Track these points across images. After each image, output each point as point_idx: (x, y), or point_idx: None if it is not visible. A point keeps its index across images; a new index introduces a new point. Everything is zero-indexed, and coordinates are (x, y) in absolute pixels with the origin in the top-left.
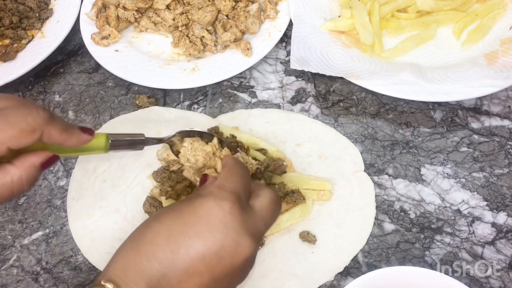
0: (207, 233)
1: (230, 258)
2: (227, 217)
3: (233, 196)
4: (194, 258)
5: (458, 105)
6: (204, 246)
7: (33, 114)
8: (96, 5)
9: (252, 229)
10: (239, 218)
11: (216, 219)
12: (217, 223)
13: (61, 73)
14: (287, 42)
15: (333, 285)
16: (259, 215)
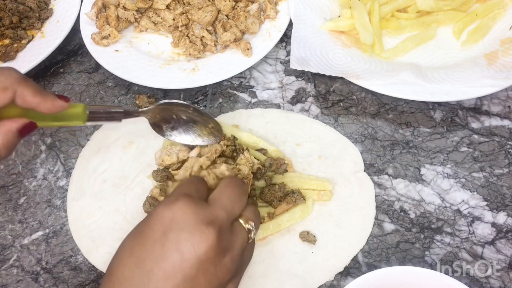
0: (163, 237)
1: (191, 251)
2: (177, 215)
3: (180, 196)
4: (159, 264)
5: (458, 105)
6: (163, 249)
7: (4, 73)
8: (96, 5)
9: (207, 218)
10: (189, 212)
11: (168, 220)
12: (169, 224)
13: (61, 73)
14: (287, 42)
15: (333, 285)
16: (215, 204)
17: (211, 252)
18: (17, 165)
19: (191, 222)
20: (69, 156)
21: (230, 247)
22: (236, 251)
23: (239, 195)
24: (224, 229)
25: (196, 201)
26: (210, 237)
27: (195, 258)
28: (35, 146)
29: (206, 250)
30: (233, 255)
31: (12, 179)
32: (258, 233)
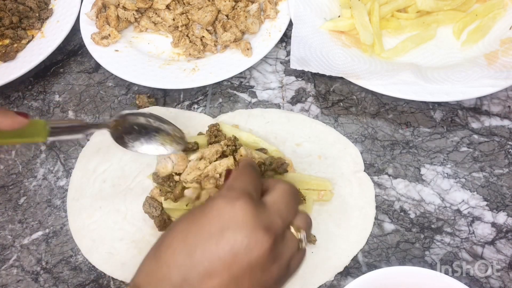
0: (220, 233)
1: (244, 254)
2: (238, 215)
3: (242, 194)
4: (210, 259)
5: (458, 105)
6: (218, 245)
7: None
8: (96, 5)
9: (265, 223)
10: (250, 214)
11: (227, 218)
12: (228, 222)
13: (61, 73)
14: (287, 42)
15: (333, 285)
16: (272, 209)
17: (262, 259)
18: (17, 165)
19: (250, 225)
20: (69, 156)
21: (280, 256)
22: (284, 260)
23: (294, 203)
24: (278, 236)
25: (257, 203)
26: (265, 244)
27: (246, 262)
28: (35, 146)
29: (258, 256)
30: (281, 263)
31: (12, 179)
32: None
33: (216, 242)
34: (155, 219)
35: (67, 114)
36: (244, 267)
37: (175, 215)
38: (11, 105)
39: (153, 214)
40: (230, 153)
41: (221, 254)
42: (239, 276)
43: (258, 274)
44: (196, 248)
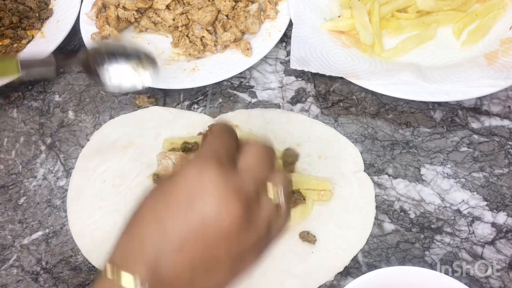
0: (188, 203)
1: (216, 223)
2: (205, 182)
3: (211, 160)
4: (181, 230)
5: (458, 105)
6: (187, 216)
7: None
8: (96, 5)
9: (235, 188)
10: (218, 180)
11: (194, 186)
12: (195, 190)
13: (61, 73)
14: (287, 42)
15: (333, 285)
16: (243, 172)
17: (236, 226)
18: (17, 165)
19: (218, 191)
20: (69, 156)
21: (255, 220)
22: (262, 223)
23: (269, 163)
24: (251, 201)
25: (226, 169)
26: (236, 210)
27: (219, 231)
28: (35, 146)
29: (231, 223)
30: (258, 228)
31: (12, 179)
32: None
33: (185, 213)
34: None
35: (67, 114)
36: (217, 236)
37: None
38: (11, 105)
39: None
40: None
41: (192, 224)
42: (213, 245)
43: (233, 242)
44: (166, 220)
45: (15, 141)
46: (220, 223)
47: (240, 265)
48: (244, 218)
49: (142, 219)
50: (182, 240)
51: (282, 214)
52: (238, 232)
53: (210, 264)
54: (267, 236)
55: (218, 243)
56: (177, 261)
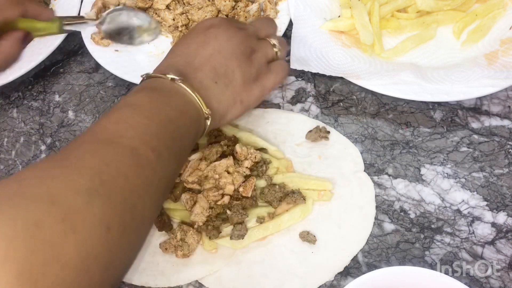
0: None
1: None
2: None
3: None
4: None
5: (458, 105)
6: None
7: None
8: (96, 5)
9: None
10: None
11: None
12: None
13: (61, 73)
14: (287, 42)
15: (333, 285)
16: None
17: (241, 45)
18: (17, 165)
19: (226, 24)
20: None
21: (256, 49)
22: (260, 53)
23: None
24: (251, 35)
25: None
26: (240, 33)
27: (230, 46)
28: (35, 146)
29: (237, 42)
30: (258, 55)
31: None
32: (258, 233)
33: (204, 36)
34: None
35: (67, 114)
36: (229, 49)
37: (175, 215)
38: (11, 105)
39: None
40: (230, 153)
41: (210, 42)
42: (227, 56)
43: (241, 57)
44: (190, 42)
45: (15, 141)
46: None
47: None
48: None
49: (173, 49)
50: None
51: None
52: (243, 51)
53: (227, 71)
54: (267, 70)
55: (232, 55)
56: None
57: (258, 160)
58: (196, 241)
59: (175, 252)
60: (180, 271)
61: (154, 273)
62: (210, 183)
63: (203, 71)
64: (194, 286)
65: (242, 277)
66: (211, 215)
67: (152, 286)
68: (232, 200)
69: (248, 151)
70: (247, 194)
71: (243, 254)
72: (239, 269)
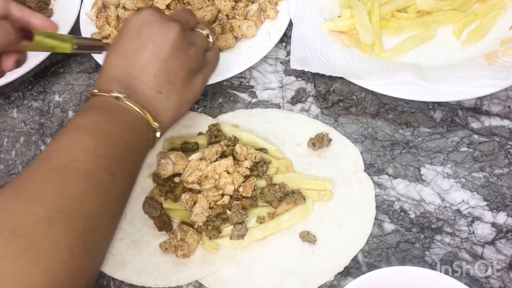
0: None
1: (163, 40)
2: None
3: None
4: (139, 52)
5: (458, 105)
6: (140, 40)
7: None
8: (96, 5)
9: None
10: (156, 15)
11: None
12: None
13: (61, 73)
14: (287, 42)
15: (333, 285)
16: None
17: (178, 41)
18: (17, 165)
19: (159, 20)
20: None
21: (193, 42)
22: (198, 46)
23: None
24: (185, 27)
25: (160, 10)
26: (175, 29)
27: (167, 45)
28: (35, 146)
29: (174, 38)
30: (196, 48)
31: (12, 179)
32: (258, 233)
33: (138, 39)
34: (155, 219)
35: (67, 114)
36: (167, 50)
37: (175, 215)
38: (11, 105)
39: (152, 214)
40: (230, 153)
41: (146, 45)
42: (166, 58)
43: (180, 55)
44: (125, 50)
45: (15, 141)
46: (167, 39)
47: (191, 80)
48: (183, 36)
49: (108, 59)
50: (142, 60)
51: (212, 48)
52: (181, 47)
53: (169, 75)
54: (205, 61)
55: (170, 56)
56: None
57: (258, 160)
58: (196, 241)
59: (175, 252)
60: (180, 271)
61: (154, 273)
62: (210, 183)
63: (145, 82)
64: (194, 286)
65: (242, 277)
66: (211, 215)
67: (152, 286)
68: (232, 200)
69: (248, 151)
70: (247, 194)
71: (243, 254)
72: (239, 269)
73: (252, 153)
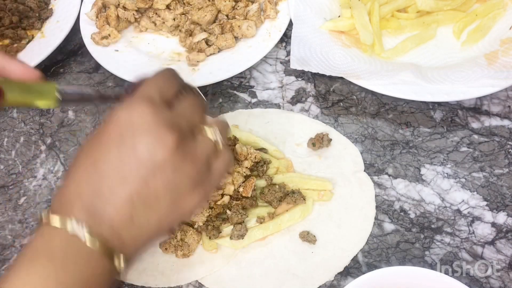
0: (120, 140)
1: (149, 155)
2: (134, 118)
3: (141, 99)
4: (114, 167)
5: (458, 105)
6: (120, 152)
7: None
8: (96, 5)
9: (167, 122)
10: (148, 115)
11: (125, 124)
12: (126, 127)
13: (61, 73)
14: (287, 42)
15: (333, 285)
16: (175, 110)
17: (169, 156)
18: (17, 165)
19: (149, 125)
20: (69, 156)
21: (191, 153)
22: (198, 158)
23: (200, 106)
24: (184, 134)
25: (157, 105)
26: (168, 141)
27: (152, 162)
28: (35, 146)
29: (164, 154)
30: (194, 161)
31: (12, 179)
32: (258, 233)
33: (118, 149)
34: None
35: (67, 114)
36: (152, 167)
37: None
38: None
39: None
40: None
41: (125, 159)
42: (148, 178)
43: (169, 174)
44: (100, 160)
45: (15, 141)
46: (154, 153)
47: (180, 202)
48: (178, 149)
49: (78, 164)
50: (116, 176)
51: (221, 152)
52: (173, 163)
53: (149, 199)
54: (208, 174)
55: (155, 175)
56: (115, 198)
57: (258, 160)
58: (196, 241)
59: (175, 252)
60: (180, 271)
61: (154, 273)
62: None
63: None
64: (194, 286)
65: (242, 277)
66: (211, 215)
67: (152, 286)
68: (232, 200)
69: (248, 151)
70: (247, 194)
71: (243, 254)
72: (239, 269)
73: (252, 153)
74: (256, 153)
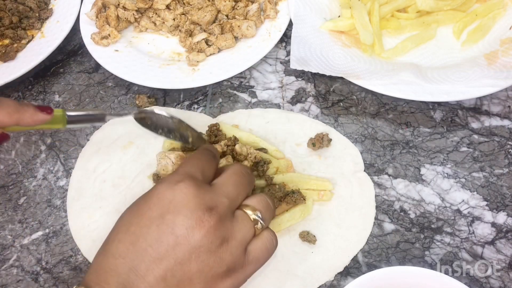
0: (160, 218)
1: (186, 236)
2: (177, 197)
3: (184, 177)
4: (152, 244)
5: (458, 105)
6: (159, 230)
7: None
8: (96, 5)
9: (208, 203)
10: (190, 195)
11: (167, 201)
12: (168, 206)
13: (61, 73)
14: (287, 42)
15: (333, 285)
16: (218, 189)
17: (206, 240)
18: (17, 165)
19: (190, 206)
20: (69, 156)
21: (228, 237)
22: (236, 241)
23: (245, 183)
24: (224, 216)
25: (199, 185)
26: (206, 224)
27: (188, 244)
28: (35, 146)
29: (201, 237)
30: (231, 245)
31: (12, 179)
32: None
33: (157, 228)
34: None
35: None
36: (188, 249)
37: None
38: None
39: None
40: (229, 153)
41: (163, 238)
42: (184, 259)
43: (205, 257)
44: (139, 235)
45: (15, 141)
46: (191, 235)
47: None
48: (215, 233)
49: (116, 238)
50: (153, 254)
51: (262, 236)
52: (209, 247)
53: (182, 281)
54: (244, 260)
55: (190, 257)
56: (150, 275)
57: (258, 160)
58: None
59: None
60: None
61: None
62: None
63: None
64: None
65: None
66: None
67: None
68: None
69: (248, 151)
70: None
71: None
72: None
73: (252, 153)
74: (256, 153)
